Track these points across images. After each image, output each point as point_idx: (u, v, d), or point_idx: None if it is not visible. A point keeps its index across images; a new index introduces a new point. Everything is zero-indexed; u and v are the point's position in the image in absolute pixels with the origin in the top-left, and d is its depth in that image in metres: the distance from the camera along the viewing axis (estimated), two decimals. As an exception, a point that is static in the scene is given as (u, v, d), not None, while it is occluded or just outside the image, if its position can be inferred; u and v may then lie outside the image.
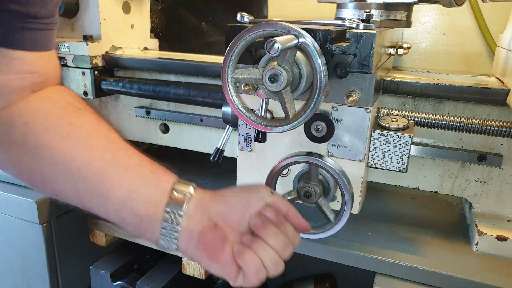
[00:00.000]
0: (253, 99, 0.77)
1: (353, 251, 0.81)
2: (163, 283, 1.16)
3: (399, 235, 0.89)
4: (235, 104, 0.65)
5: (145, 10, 1.29)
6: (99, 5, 1.10)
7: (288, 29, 0.58)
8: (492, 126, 0.79)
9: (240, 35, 0.60)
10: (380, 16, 0.94)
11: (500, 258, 0.81)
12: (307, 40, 0.57)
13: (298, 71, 0.62)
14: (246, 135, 0.83)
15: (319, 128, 0.75)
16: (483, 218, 0.87)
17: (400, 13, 0.95)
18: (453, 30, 1.19)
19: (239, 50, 0.61)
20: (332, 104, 0.75)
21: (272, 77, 0.58)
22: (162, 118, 1.14)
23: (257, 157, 0.84)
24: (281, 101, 0.61)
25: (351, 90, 0.72)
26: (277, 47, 0.53)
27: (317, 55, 0.58)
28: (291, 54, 0.59)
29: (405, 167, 0.76)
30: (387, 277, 0.79)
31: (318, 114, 0.75)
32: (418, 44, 1.23)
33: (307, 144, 0.78)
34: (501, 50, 0.98)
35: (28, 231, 1.11)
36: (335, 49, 0.66)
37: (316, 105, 0.60)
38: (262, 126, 0.64)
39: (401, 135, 0.75)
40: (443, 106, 0.88)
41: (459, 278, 0.74)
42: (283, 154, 0.78)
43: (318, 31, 0.64)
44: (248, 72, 0.62)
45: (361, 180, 0.78)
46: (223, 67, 0.62)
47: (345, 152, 0.77)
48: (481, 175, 0.89)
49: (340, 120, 0.75)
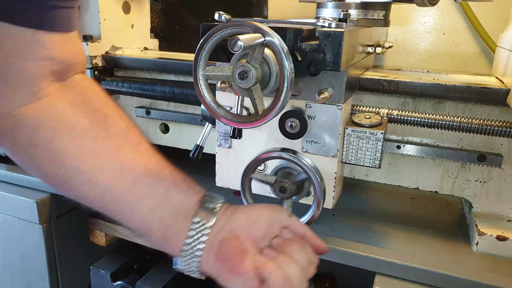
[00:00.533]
0: (231, 96, 0.80)
1: (353, 251, 0.81)
2: (163, 283, 1.16)
3: (399, 235, 0.89)
4: (206, 100, 0.67)
5: (145, 10, 1.29)
6: (99, 5, 1.10)
7: (255, 27, 0.59)
8: (492, 126, 0.79)
9: (210, 33, 0.62)
10: (358, 15, 0.97)
11: (500, 258, 0.81)
12: (273, 38, 0.59)
13: (268, 69, 0.64)
14: (224, 132, 0.85)
15: (293, 124, 0.77)
16: (483, 218, 0.87)
17: (378, 12, 0.98)
18: (453, 30, 1.19)
19: (209, 47, 0.63)
20: (306, 102, 0.77)
21: (242, 74, 0.60)
22: (162, 118, 1.14)
23: (236, 154, 0.86)
24: (251, 97, 0.63)
25: (323, 87, 0.74)
26: (239, 44, 0.54)
27: (283, 53, 0.59)
28: (259, 52, 0.60)
29: (378, 162, 0.78)
30: (387, 277, 0.79)
31: (292, 111, 0.77)
32: (418, 44, 1.23)
33: (283, 140, 0.80)
34: (501, 50, 0.98)
35: (28, 231, 1.11)
36: (305, 47, 0.67)
37: (283, 102, 0.62)
38: (232, 121, 0.66)
39: (374, 131, 0.77)
40: (443, 106, 0.88)
41: (459, 278, 0.74)
42: (260, 150, 0.80)
43: (289, 30, 0.66)
44: (218, 69, 0.64)
45: (334, 176, 0.80)
46: (194, 64, 0.64)
47: (318, 148, 0.79)
48: (481, 175, 0.89)
49: (313, 117, 0.77)
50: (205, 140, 0.87)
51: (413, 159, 0.93)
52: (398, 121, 0.85)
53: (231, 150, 0.87)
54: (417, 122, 0.84)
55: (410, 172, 0.95)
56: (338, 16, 0.84)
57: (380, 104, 0.92)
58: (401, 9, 1.19)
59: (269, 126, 0.80)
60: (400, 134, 0.93)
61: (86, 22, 1.13)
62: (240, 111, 0.72)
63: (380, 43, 1.06)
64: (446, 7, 1.18)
